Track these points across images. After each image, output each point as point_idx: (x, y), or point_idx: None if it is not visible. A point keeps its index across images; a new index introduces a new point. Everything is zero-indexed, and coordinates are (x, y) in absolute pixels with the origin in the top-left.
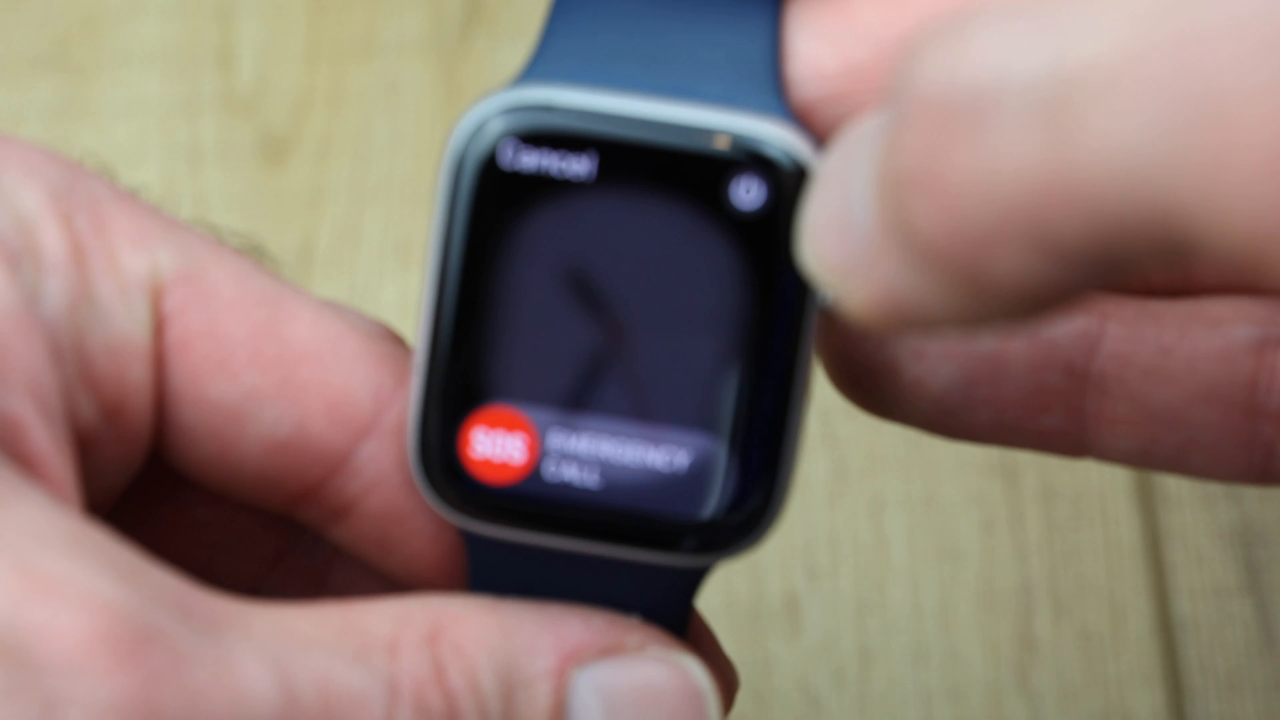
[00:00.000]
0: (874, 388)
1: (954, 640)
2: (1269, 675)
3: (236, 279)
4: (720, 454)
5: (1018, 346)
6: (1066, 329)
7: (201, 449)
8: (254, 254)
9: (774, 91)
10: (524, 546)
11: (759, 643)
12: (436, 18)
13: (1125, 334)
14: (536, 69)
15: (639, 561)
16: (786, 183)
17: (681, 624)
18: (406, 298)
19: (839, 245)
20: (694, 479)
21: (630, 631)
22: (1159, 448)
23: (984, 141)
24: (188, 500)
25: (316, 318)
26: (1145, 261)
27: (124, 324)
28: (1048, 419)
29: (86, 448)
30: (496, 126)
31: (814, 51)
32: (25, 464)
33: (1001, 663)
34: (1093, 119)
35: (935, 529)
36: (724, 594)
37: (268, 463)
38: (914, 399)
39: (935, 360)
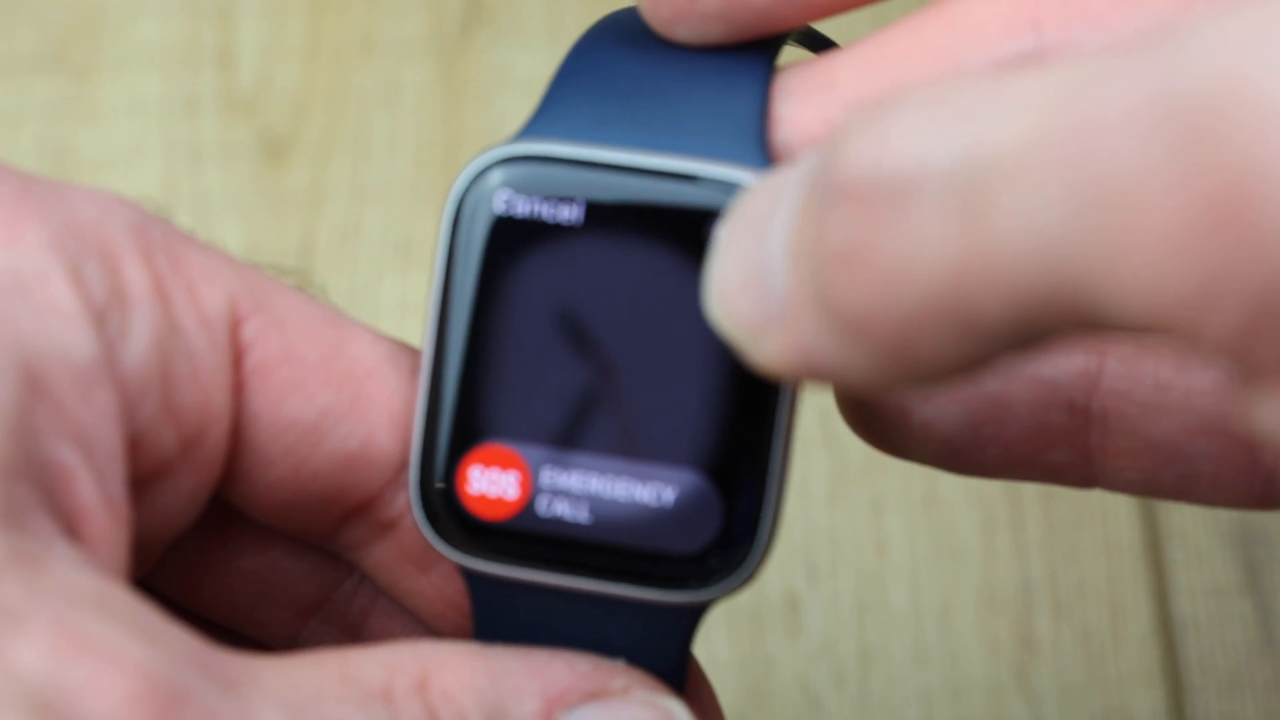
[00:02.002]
0: (886, 430)
1: (954, 640)
2: (1269, 675)
3: (300, 307)
4: (706, 489)
5: (1020, 388)
6: (1066, 369)
7: (273, 471)
8: (303, 288)
9: (758, 149)
10: (523, 586)
11: (759, 643)
12: (436, 18)
13: (1123, 371)
14: (535, 128)
15: (631, 599)
16: None
17: (679, 673)
18: (406, 297)
19: (752, 303)
20: (681, 514)
21: (615, 675)
22: (1162, 479)
23: (906, 227)
24: (232, 549)
25: (373, 340)
26: (1060, 333)
27: (207, 354)
28: (1054, 455)
29: (162, 481)
30: (493, 176)
31: (797, 115)
32: (68, 516)
33: (1001, 663)
34: (1002, 204)
35: (935, 529)
36: None
37: (334, 478)
38: (924, 440)
39: (942, 404)
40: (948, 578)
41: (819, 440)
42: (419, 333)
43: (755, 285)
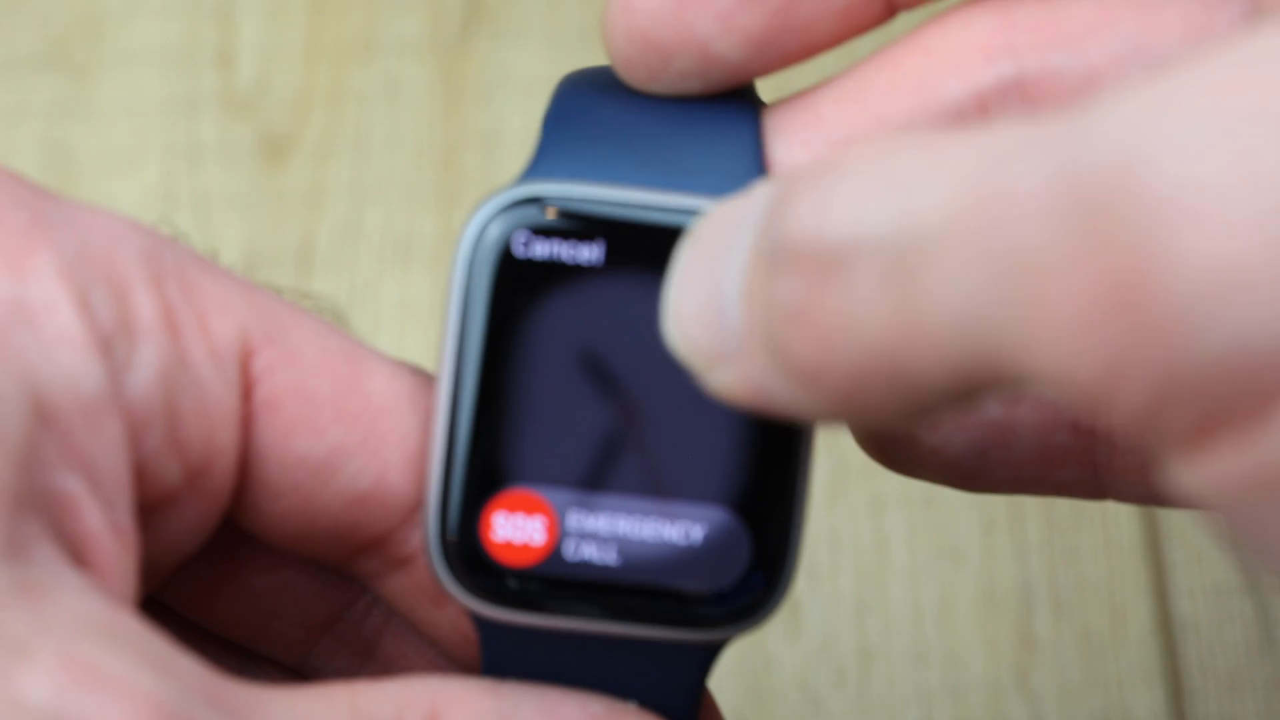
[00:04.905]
0: (896, 454)
1: (954, 640)
2: (1269, 675)
3: (317, 339)
4: (734, 525)
5: (1025, 412)
6: None
7: (282, 505)
8: (323, 314)
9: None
10: (539, 632)
11: (759, 643)
12: (436, 18)
13: None
14: (538, 170)
15: (656, 639)
16: None
17: (692, 713)
18: (406, 298)
19: (709, 335)
20: (710, 551)
21: (627, 717)
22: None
23: (845, 293)
24: (244, 568)
25: (390, 374)
26: (995, 394)
27: (215, 387)
28: (1062, 473)
29: (167, 510)
30: (508, 219)
31: (789, 157)
32: (75, 544)
33: (1001, 663)
34: (928, 277)
35: (935, 529)
36: None
37: (345, 515)
38: (933, 463)
39: (949, 429)
40: (948, 578)
41: (819, 440)
42: (419, 333)
43: (711, 317)
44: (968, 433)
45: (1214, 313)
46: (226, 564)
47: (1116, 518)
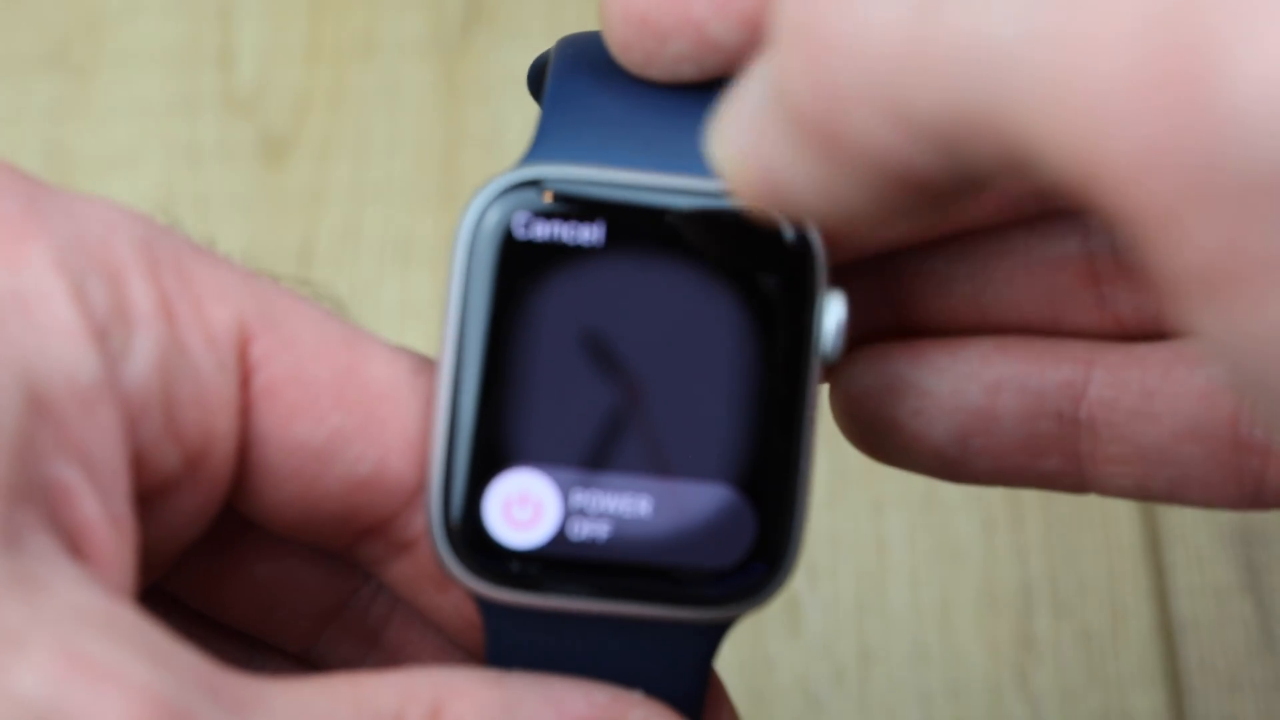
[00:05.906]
0: (880, 442)
1: (954, 640)
2: (1269, 675)
3: (314, 325)
4: (738, 503)
5: (1007, 400)
6: (1052, 379)
7: (282, 491)
8: (322, 301)
9: None
10: (544, 615)
11: (759, 643)
12: (436, 18)
13: (1110, 379)
14: (537, 154)
15: (660, 619)
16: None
17: (699, 699)
18: (406, 298)
19: (735, 129)
20: (715, 530)
21: (633, 706)
22: (1154, 483)
23: (857, 4)
24: (248, 557)
25: (389, 358)
26: (987, 165)
27: (213, 374)
28: (1045, 463)
29: (167, 497)
30: (509, 202)
31: None
32: (72, 534)
33: (1001, 663)
34: (960, 2)
35: (935, 529)
36: None
37: (346, 500)
38: (916, 451)
39: (931, 416)
40: (948, 578)
41: (819, 440)
42: (419, 333)
43: (741, 110)
44: (950, 418)
45: (1275, 120)
46: (231, 553)
47: (1116, 518)
